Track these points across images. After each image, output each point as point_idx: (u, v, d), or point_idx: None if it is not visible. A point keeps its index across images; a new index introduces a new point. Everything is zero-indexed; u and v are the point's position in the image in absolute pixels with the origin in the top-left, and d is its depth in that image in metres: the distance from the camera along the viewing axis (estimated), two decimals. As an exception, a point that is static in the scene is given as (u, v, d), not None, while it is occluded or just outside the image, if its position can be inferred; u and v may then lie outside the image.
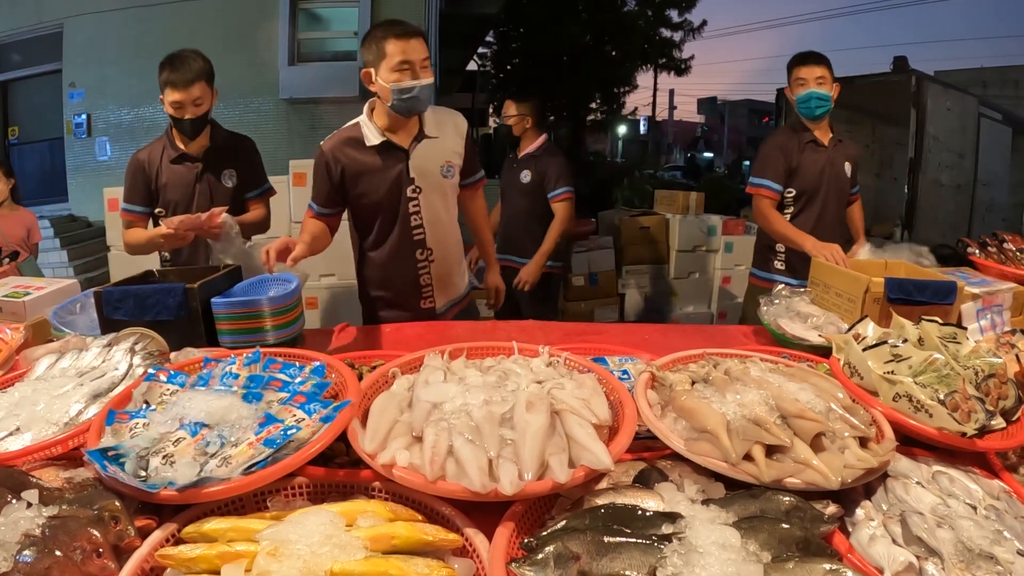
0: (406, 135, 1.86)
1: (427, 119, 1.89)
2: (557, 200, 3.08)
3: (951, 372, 1.16)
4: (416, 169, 1.86)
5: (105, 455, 0.90)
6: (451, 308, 2.11)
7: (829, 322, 1.66)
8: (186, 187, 2.15)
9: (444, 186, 1.93)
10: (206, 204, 2.13)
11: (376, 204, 1.88)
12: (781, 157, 2.42)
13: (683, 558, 0.75)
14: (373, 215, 1.91)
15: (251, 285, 1.76)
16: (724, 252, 4.83)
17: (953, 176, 5.59)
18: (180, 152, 2.14)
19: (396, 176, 1.85)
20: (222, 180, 2.19)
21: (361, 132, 1.86)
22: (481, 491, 0.84)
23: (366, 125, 1.86)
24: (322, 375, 1.17)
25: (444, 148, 1.91)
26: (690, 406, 1.03)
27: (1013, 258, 2.04)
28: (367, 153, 1.85)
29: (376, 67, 1.76)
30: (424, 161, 1.87)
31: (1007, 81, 10.81)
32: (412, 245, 1.93)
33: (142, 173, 2.14)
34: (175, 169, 2.15)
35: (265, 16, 5.90)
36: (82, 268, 5.73)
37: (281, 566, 0.74)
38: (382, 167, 1.85)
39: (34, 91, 6.95)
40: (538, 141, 3.15)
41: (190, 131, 2.10)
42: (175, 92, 2.01)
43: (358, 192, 1.88)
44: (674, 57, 14.36)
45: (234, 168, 2.22)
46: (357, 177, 1.86)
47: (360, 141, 1.85)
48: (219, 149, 2.20)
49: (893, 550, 0.84)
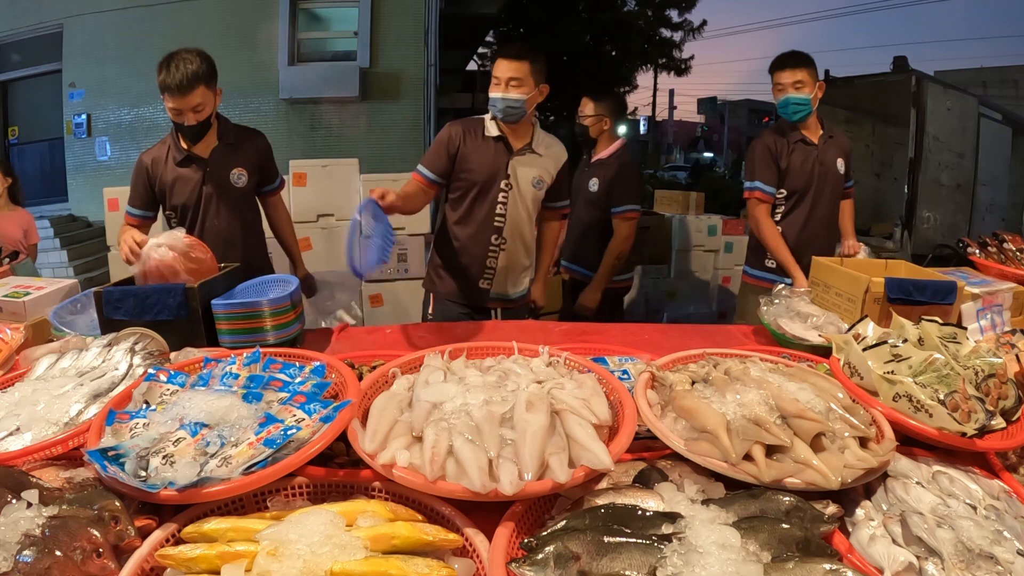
0: (517, 141, 2.15)
1: (537, 136, 2.18)
2: (620, 217, 2.80)
3: (951, 372, 1.16)
4: (515, 170, 2.14)
5: (105, 455, 0.90)
6: (505, 301, 2.29)
7: (829, 322, 1.67)
8: (193, 189, 2.10)
9: (531, 194, 2.20)
10: (214, 207, 2.12)
11: (473, 184, 2.13)
12: (770, 158, 2.42)
13: (683, 558, 0.75)
14: (467, 192, 2.15)
15: (251, 286, 1.76)
16: (724, 252, 4.83)
17: (953, 176, 5.59)
18: (186, 154, 2.08)
19: (498, 168, 2.13)
20: (231, 180, 2.13)
21: (485, 124, 2.14)
22: (481, 491, 0.84)
23: (489, 121, 2.14)
24: (322, 375, 1.17)
25: (541, 164, 2.19)
26: (690, 406, 1.03)
27: (1013, 258, 2.04)
28: (484, 140, 2.13)
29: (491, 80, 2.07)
30: (523, 167, 2.15)
31: (1007, 81, 10.82)
32: (491, 229, 2.17)
33: (145, 176, 2.11)
34: (181, 172, 2.09)
35: (265, 16, 5.90)
36: (82, 268, 5.73)
37: (281, 566, 0.74)
38: (491, 156, 2.13)
39: (34, 91, 6.95)
40: (613, 147, 2.91)
41: (192, 137, 2.06)
42: (172, 99, 1.95)
43: (467, 167, 2.13)
44: (674, 57, 14.35)
45: (244, 167, 2.16)
46: (469, 155, 2.12)
47: (482, 130, 2.14)
48: (227, 148, 2.13)
49: (893, 550, 0.84)
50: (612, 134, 2.96)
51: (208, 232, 2.10)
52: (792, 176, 2.42)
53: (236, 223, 2.16)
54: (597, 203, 2.87)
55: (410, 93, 5.96)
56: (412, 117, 5.97)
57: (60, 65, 6.39)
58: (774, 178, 2.42)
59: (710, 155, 25.62)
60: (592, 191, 2.89)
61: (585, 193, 2.93)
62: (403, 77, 5.95)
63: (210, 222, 2.12)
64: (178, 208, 2.12)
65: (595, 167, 2.92)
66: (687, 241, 4.82)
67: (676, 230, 4.81)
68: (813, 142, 2.44)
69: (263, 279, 1.81)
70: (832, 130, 2.51)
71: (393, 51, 5.95)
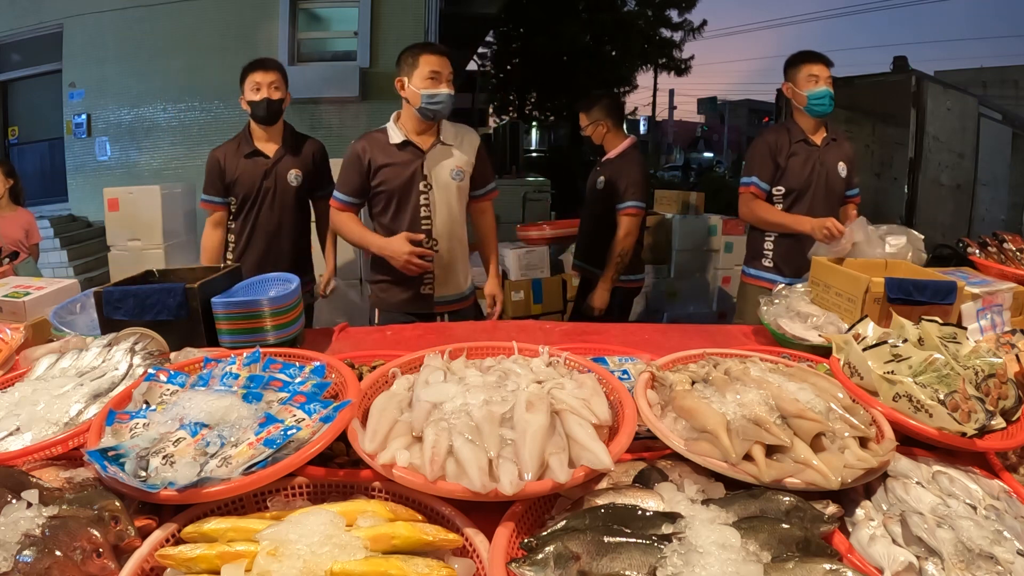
0: (424, 140, 2.13)
1: (444, 129, 2.16)
2: (622, 213, 2.80)
3: (951, 372, 1.16)
4: (430, 168, 2.12)
5: (105, 455, 0.90)
6: (450, 304, 2.24)
7: (829, 322, 1.66)
8: (254, 181, 2.40)
9: (453, 187, 2.16)
10: (271, 199, 2.42)
11: (391, 192, 2.12)
12: (769, 155, 2.42)
13: (683, 558, 0.75)
14: (388, 203, 2.14)
15: (251, 285, 1.76)
16: (724, 252, 4.83)
17: (953, 176, 5.58)
18: (253, 148, 2.41)
19: (412, 171, 2.11)
20: (288, 179, 2.44)
21: (388, 132, 2.14)
22: (481, 491, 0.84)
23: (392, 128, 2.14)
24: (322, 375, 1.17)
25: (455, 155, 2.17)
26: (690, 406, 1.03)
27: (1013, 258, 2.04)
28: (390, 149, 2.12)
29: (409, 76, 2.06)
30: (438, 163, 2.13)
31: (1007, 81, 10.81)
32: (420, 233, 2.13)
33: (215, 166, 2.42)
34: (246, 163, 2.40)
35: (265, 16, 5.89)
36: (82, 268, 5.73)
37: (281, 566, 0.74)
38: (402, 161, 2.11)
39: (34, 91, 6.95)
40: (622, 146, 2.90)
41: (265, 115, 2.34)
42: (257, 73, 2.31)
43: (380, 179, 2.12)
44: (674, 57, 14.36)
45: (300, 169, 2.46)
46: (379, 169, 2.11)
47: (386, 140, 2.13)
48: (289, 149, 2.46)
49: (893, 550, 0.84)
50: (617, 134, 2.96)
51: (261, 222, 2.43)
52: (791, 175, 2.42)
53: (287, 218, 2.46)
54: (602, 200, 2.89)
55: (410, 93, 5.95)
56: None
57: (60, 65, 6.38)
58: (770, 175, 2.43)
59: (710, 155, 25.59)
60: (599, 188, 2.92)
61: (592, 191, 2.97)
62: (403, 77, 5.95)
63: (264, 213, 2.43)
64: (240, 196, 2.43)
65: (604, 166, 2.95)
66: (687, 241, 4.82)
67: (676, 230, 4.81)
68: (816, 143, 2.44)
69: (263, 278, 1.81)
70: (836, 133, 2.51)
71: (393, 51, 5.89)
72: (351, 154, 2.14)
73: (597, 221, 2.96)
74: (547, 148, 16.61)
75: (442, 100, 2.04)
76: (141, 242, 3.91)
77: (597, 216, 2.96)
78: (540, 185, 6.67)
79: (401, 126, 2.13)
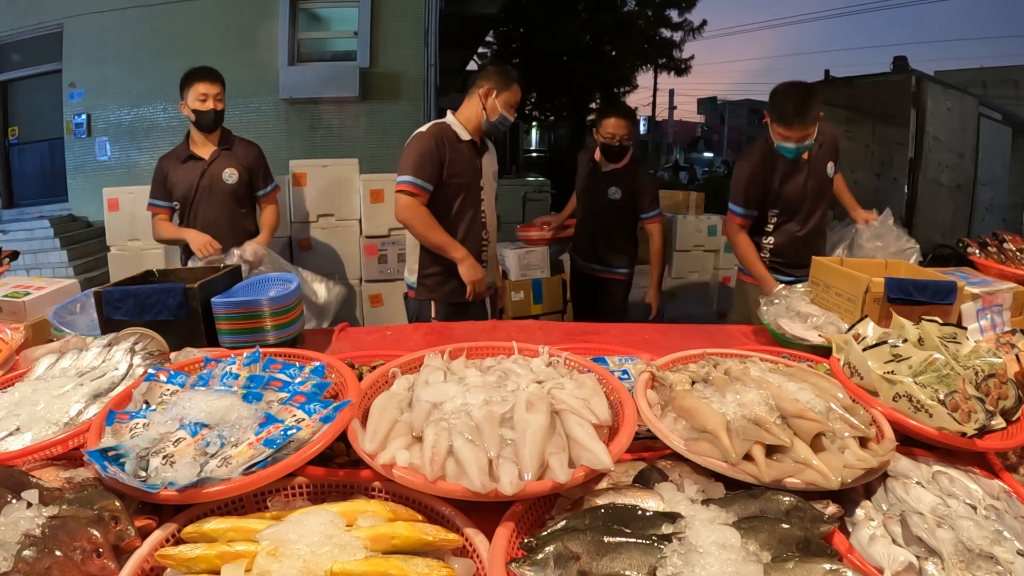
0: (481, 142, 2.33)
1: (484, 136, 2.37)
2: (652, 221, 3.08)
3: (951, 372, 1.16)
4: (484, 168, 2.33)
5: (105, 455, 0.90)
6: (489, 290, 2.43)
7: (829, 322, 1.66)
8: (192, 183, 2.56)
9: (495, 187, 2.41)
10: (206, 198, 2.58)
11: (461, 186, 2.25)
12: (755, 182, 2.33)
13: (683, 558, 0.75)
14: (455, 196, 2.25)
15: (251, 285, 1.76)
16: (724, 252, 4.82)
17: (953, 176, 5.58)
18: (189, 153, 2.58)
19: (475, 168, 2.29)
20: (223, 177, 2.60)
21: (455, 129, 2.25)
22: (481, 491, 0.84)
23: (457, 125, 2.26)
24: (322, 375, 1.17)
25: (493, 159, 2.40)
26: (690, 406, 1.03)
27: (1013, 258, 2.04)
28: (462, 145, 2.25)
29: (499, 92, 2.23)
30: (489, 162, 2.36)
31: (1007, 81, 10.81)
32: (480, 226, 2.33)
33: (160, 172, 2.60)
34: (184, 168, 2.57)
35: (265, 16, 5.89)
36: (82, 268, 5.73)
37: (281, 566, 0.74)
38: (470, 158, 2.27)
39: (34, 91, 6.93)
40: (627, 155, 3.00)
41: (211, 124, 2.52)
42: (204, 84, 2.45)
43: (454, 172, 2.23)
44: (674, 57, 14.35)
45: (235, 168, 2.61)
46: (454, 160, 2.22)
47: (455, 135, 2.24)
48: (223, 151, 2.61)
49: (893, 550, 0.84)
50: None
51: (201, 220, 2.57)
52: (785, 197, 2.36)
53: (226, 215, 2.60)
54: (621, 210, 3.05)
55: (410, 93, 5.95)
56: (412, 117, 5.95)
57: (60, 65, 6.37)
58: (756, 202, 2.36)
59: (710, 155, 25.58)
60: (614, 199, 3.03)
61: (603, 201, 3.06)
62: (403, 77, 5.94)
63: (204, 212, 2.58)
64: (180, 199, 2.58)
65: (612, 176, 3.02)
66: (687, 241, 4.81)
67: (676, 230, 4.81)
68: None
69: (263, 278, 1.82)
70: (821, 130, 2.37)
71: (393, 51, 5.94)
72: (428, 143, 2.18)
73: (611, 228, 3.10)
74: (547, 148, 16.62)
75: (507, 126, 2.31)
76: (141, 242, 3.89)
77: (612, 225, 3.09)
78: (540, 185, 6.66)
79: (465, 125, 2.25)
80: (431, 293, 2.31)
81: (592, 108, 15.14)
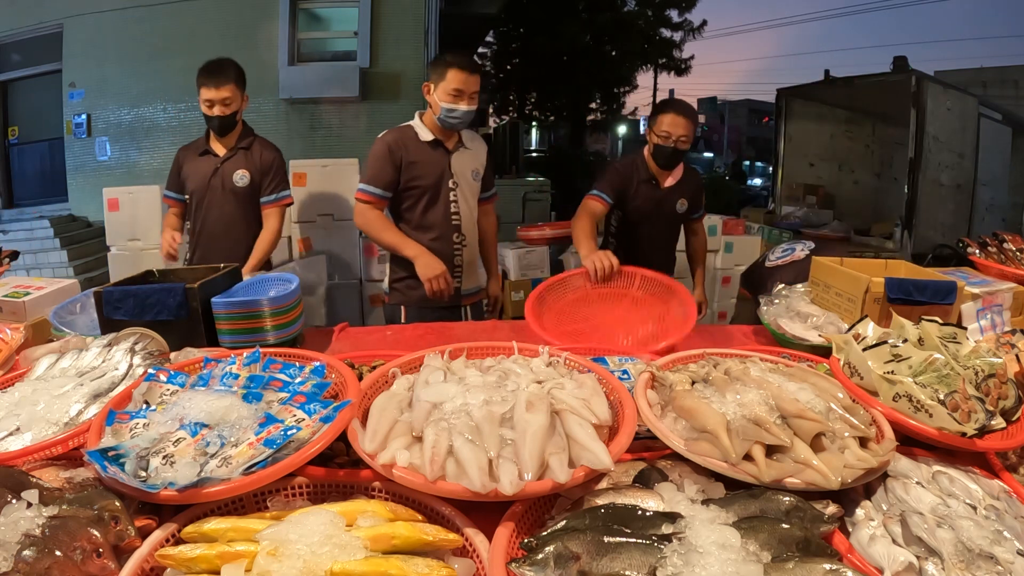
0: (449, 140, 2.22)
1: (463, 132, 2.26)
2: (701, 219, 2.79)
3: (951, 372, 1.16)
4: (456, 167, 2.22)
5: (105, 455, 0.90)
6: (471, 296, 2.37)
7: (829, 322, 1.66)
8: (204, 179, 2.47)
9: (474, 187, 2.30)
10: (218, 198, 2.48)
11: (424, 189, 2.18)
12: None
13: (683, 558, 0.75)
14: (419, 199, 2.20)
15: (251, 285, 1.76)
16: (724, 252, 4.82)
17: (953, 176, 5.57)
18: (206, 147, 2.49)
19: (442, 169, 2.20)
20: (234, 179, 2.47)
21: (416, 130, 2.19)
22: (481, 491, 0.84)
23: (418, 126, 2.20)
24: (322, 375, 1.17)
25: (473, 158, 2.29)
26: (690, 406, 1.03)
27: (1013, 258, 2.04)
28: (422, 146, 2.17)
29: (435, 84, 2.11)
30: (462, 162, 2.24)
31: (1007, 81, 10.81)
32: (451, 228, 2.24)
33: (176, 164, 2.53)
34: (199, 162, 2.48)
35: (265, 16, 5.89)
36: (82, 268, 5.73)
37: (281, 566, 0.74)
38: (434, 158, 2.18)
39: (34, 91, 6.93)
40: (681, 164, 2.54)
41: (219, 129, 2.42)
42: (207, 90, 2.33)
43: (415, 174, 2.17)
44: (674, 57, 14.36)
45: (247, 170, 2.48)
46: (414, 162, 2.16)
47: (416, 136, 2.18)
48: (239, 150, 2.49)
49: (893, 550, 0.84)
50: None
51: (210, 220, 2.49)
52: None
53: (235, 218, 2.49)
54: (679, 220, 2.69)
55: (410, 93, 5.94)
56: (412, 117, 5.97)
57: (60, 65, 6.37)
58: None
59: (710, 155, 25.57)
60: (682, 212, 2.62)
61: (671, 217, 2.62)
62: (403, 77, 5.94)
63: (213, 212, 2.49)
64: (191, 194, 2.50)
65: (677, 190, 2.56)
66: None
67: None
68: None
69: (263, 278, 1.82)
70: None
71: (393, 51, 5.95)
72: (382, 148, 2.15)
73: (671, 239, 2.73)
74: (547, 148, 16.61)
75: (459, 116, 2.11)
76: (141, 242, 3.90)
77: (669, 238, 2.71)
78: (540, 185, 6.67)
79: (427, 125, 2.19)
80: (401, 297, 2.25)
81: (592, 108, 15.15)
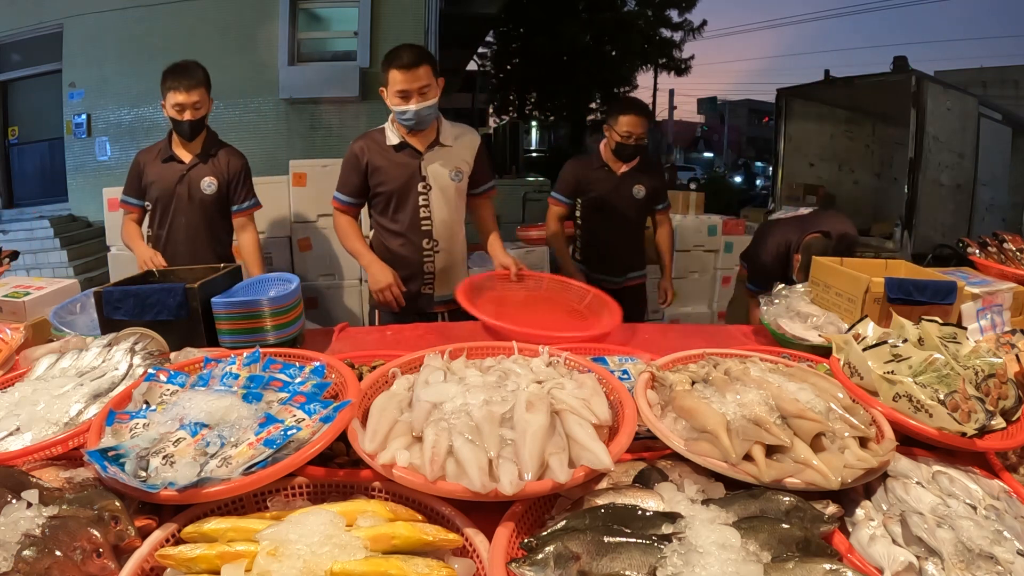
0: (422, 142, 2.13)
1: (444, 130, 2.15)
2: (666, 211, 2.98)
3: (951, 372, 1.16)
4: (429, 170, 2.13)
5: (105, 455, 0.90)
6: (449, 303, 2.22)
7: (829, 322, 1.66)
8: (169, 186, 2.37)
9: (452, 188, 2.18)
10: (184, 205, 2.39)
11: (390, 194, 2.14)
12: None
13: (683, 558, 0.75)
14: (387, 204, 2.16)
15: (251, 285, 1.76)
16: (724, 252, 4.83)
17: (953, 176, 5.57)
18: (170, 153, 2.38)
19: (410, 173, 2.13)
20: (201, 186, 2.40)
21: (385, 134, 2.14)
22: (481, 491, 0.84)
23: (389, 129, 2.15)
24: (322, 375, 1.17)
25: (454, 156, 2.17)
26: (690, 406, 1.03)
27: (1013, 258, 2.04)
28: (388, 151, 2.13)
29: (386, 87, 2.06)
30: (436, 164, 2.14)
31: (1007, 81, 10.82)
32: (420, 234, 2.17)
33: (135, 167, 2.41)
34: (162, 168, 2.38)
35: (265, 16, 5.88)
36: (82, 268, 5.73)
37: (281, 566, 0.74)
38: (400, 162, 2.13)
39: (34, 91, 6.93)
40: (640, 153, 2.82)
41: (188, 133, 2.32)
42: (177, 94, 2.24)
43: (379, 180, 2.13)
44: (674, 57, 14.37)
45: (215, 177, 2.41)
46: (378, 168, 2.13)
47: (384, 140, 2.14)
48: (206, 157, 2.40)
49: (893, 550, 0.84)
50: None
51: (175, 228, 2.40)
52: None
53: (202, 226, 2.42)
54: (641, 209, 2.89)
55: (410, 93, 5.95)
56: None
57: (60, 65, 6.37)
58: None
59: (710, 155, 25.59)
60: (639, 198, 2.83)
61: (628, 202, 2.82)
62: (403, 77, 5.94)
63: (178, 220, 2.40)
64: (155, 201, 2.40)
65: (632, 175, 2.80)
66: (687, 241, 4.81)
67: (676, 230, 4.81)
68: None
69: (263, 278, 1.82)
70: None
71: (393, 51, 5.95)
72: (350, 154, 2.16)
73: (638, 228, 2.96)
74: (547, 148, 16.62)
75: (411, 117, 2.02)
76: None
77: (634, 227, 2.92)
78: (540, 185, 6.67)
79: (397, 128, 2.13)
80: (376, 302, 2.21)
81: (592, 108, 15.15)
